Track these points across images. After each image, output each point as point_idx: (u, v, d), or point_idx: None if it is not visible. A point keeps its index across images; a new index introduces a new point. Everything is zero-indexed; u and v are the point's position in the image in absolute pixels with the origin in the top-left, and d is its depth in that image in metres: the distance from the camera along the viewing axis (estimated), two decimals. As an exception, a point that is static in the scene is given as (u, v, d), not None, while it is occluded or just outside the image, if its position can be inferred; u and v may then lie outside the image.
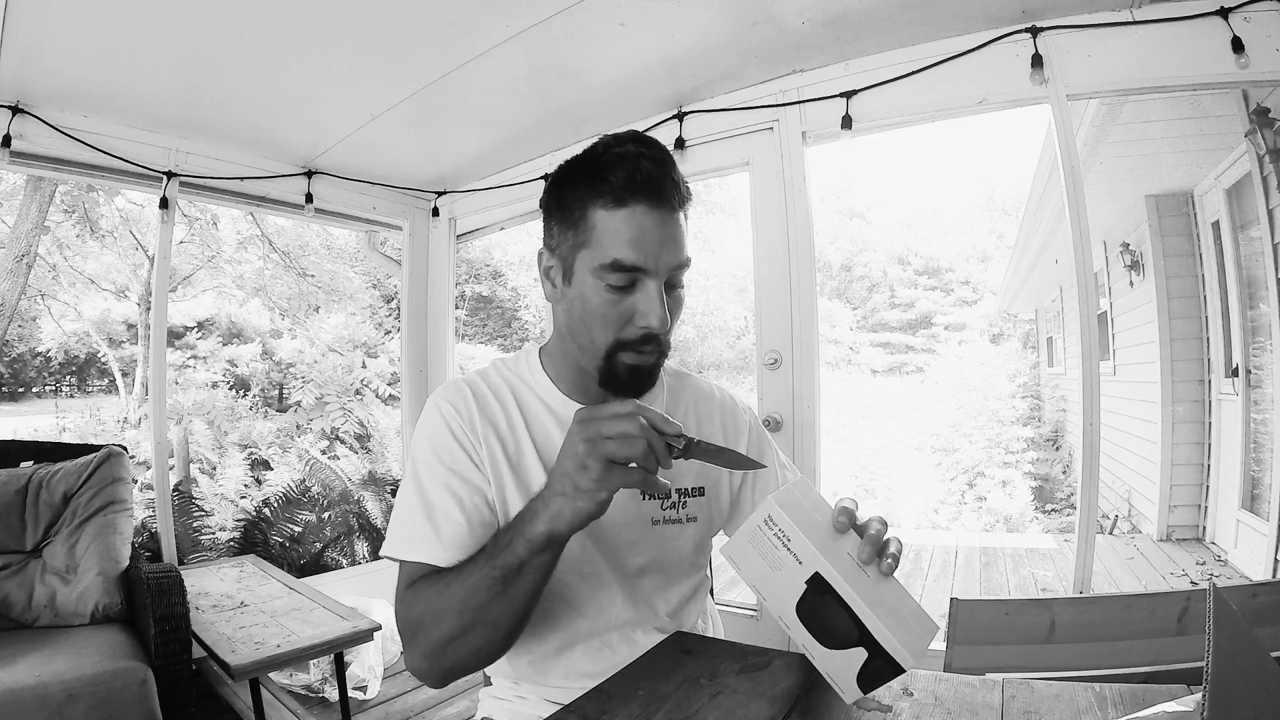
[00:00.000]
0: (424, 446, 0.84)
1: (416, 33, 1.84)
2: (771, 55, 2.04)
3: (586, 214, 0.79)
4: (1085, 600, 1.26)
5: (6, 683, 1.47)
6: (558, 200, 0.83)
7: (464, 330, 12.15)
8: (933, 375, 13.28)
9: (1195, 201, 4.24)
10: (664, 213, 0.78)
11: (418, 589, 0.76)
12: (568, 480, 0.66)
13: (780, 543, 0.64)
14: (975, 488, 8.62)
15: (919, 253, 19.74)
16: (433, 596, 0.74)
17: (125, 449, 2.21)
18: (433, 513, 0.80)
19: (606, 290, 0.78)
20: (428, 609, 0.74)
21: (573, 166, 0.82)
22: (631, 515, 0.89)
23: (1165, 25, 1.69)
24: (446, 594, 0.73)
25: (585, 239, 0.79)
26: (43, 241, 7.32)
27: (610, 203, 0.77)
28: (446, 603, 0.72)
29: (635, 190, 0.77)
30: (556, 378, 0.90)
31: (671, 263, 0.79)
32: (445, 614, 0.72)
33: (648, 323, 0.78)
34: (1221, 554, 3.89)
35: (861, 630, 0.61)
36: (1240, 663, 0.44)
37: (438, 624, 0.73)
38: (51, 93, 2.08)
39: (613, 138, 0.81)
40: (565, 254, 0.82)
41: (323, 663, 2.32)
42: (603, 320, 0.79)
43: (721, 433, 0.98)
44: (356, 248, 8.83)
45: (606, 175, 0.77)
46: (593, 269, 0.78)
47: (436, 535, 0.79)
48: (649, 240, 0.77)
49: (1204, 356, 4.26)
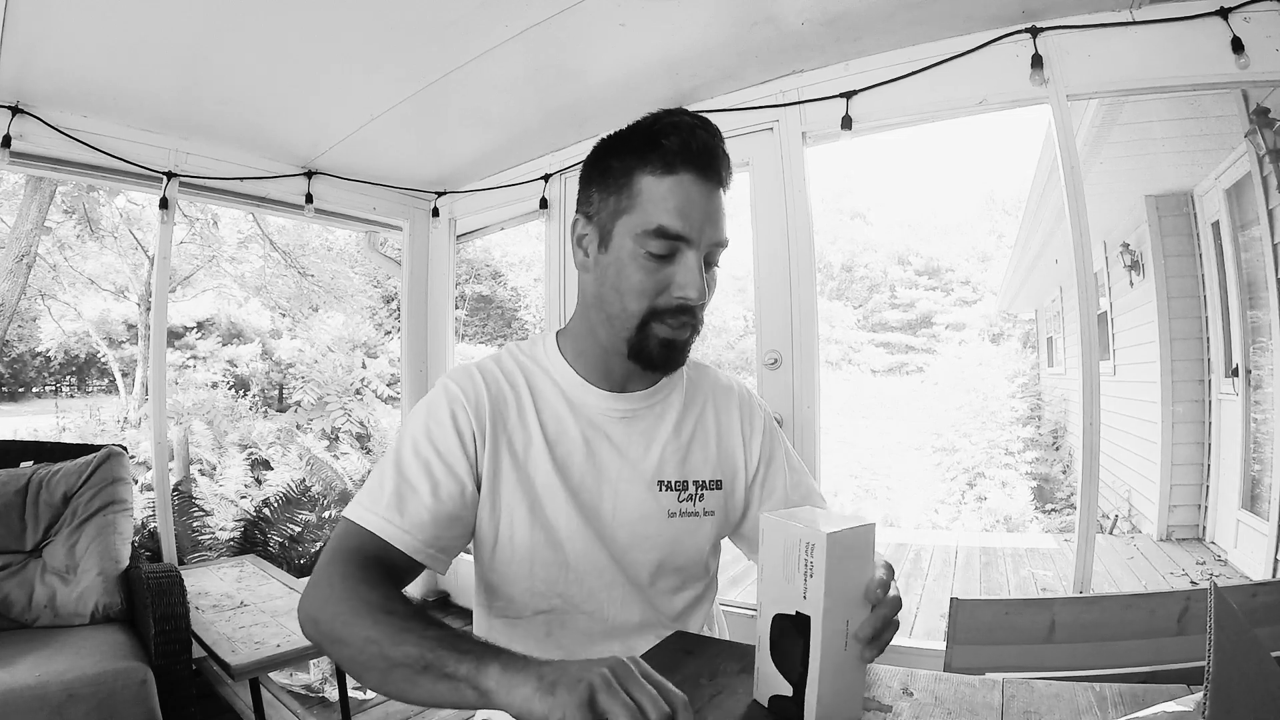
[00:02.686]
0: (420, 422, 0.82)
1: (416, 33, 1.84)
2: (771, 55, 2.04)
3: (632, 180, 0.78)
4: (1085, 600, 1.25)
5: (6, 683, 1.46)
6: (601, 168, 0.82)
7: (464, 330, 12.16)
8: (933, 375, 13.28)
9: (1195, 201, 4.23)
10: (711, 185, 0.78)
11: (360, 576, 0.69)
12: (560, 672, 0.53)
13: (803, 568, 0.61)
14: (975, 488, 8.61)
15: (919, 253, 19.76)
16: (363, 602, 0.66)
17: (125, 449, 2.21)
18: (402, 486, 0.77)
19: (646, 257, 0.77)
20: (347, 605, 0.66)
21: (619, 136, 0.82)
22: (649, 508, 0.87)
23: (1165, 25, 1.69)
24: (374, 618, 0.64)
25: (629, 205, 0.78)
26: (43, 241, 7.33)
27: (659, 169, 0.76)
28: (367, 624, 0.64)
29: (687, 159, 0.76)
30: (575, 359, 0.88)
31: (713, 238, 0.78)
32: (355, 629, 0.64)
33: (685, 293, 0.77)
34: (1221, 554, 3.89)
35: (801, 682, 0.62)
36: (1241, 662, 0.44)
37: (343, 625, 0.65)
38: (51, 93, 2.08)
39: (664, 110, 0.80)
40: (604, 220, 0.80)
41: (323, 663, 2.32)
42: (639, 287, 0.78)
43: (739, 427, 0.96)
44: (356, 247, 8.83)
45: (660, 140, 0.76)
46: (634, 235, 0.77)
47: (400, 511, 0.75)
48: (694, 211, 0.76)
49: (1204, 356, 4.26)
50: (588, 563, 0.84)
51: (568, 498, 0.83)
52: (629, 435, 0.88)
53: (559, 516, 0.83)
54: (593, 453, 0.86)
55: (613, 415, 0.88)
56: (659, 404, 0.91)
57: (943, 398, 11.08)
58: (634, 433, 0.88)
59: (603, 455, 0.86)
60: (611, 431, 0.88)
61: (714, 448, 0.94)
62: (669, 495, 0.88)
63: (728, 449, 0.95)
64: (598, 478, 0.86)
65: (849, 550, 0.61)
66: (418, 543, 0.75)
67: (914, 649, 2.16)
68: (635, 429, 0.89)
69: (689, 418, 0.93)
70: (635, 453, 0.88)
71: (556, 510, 0.83)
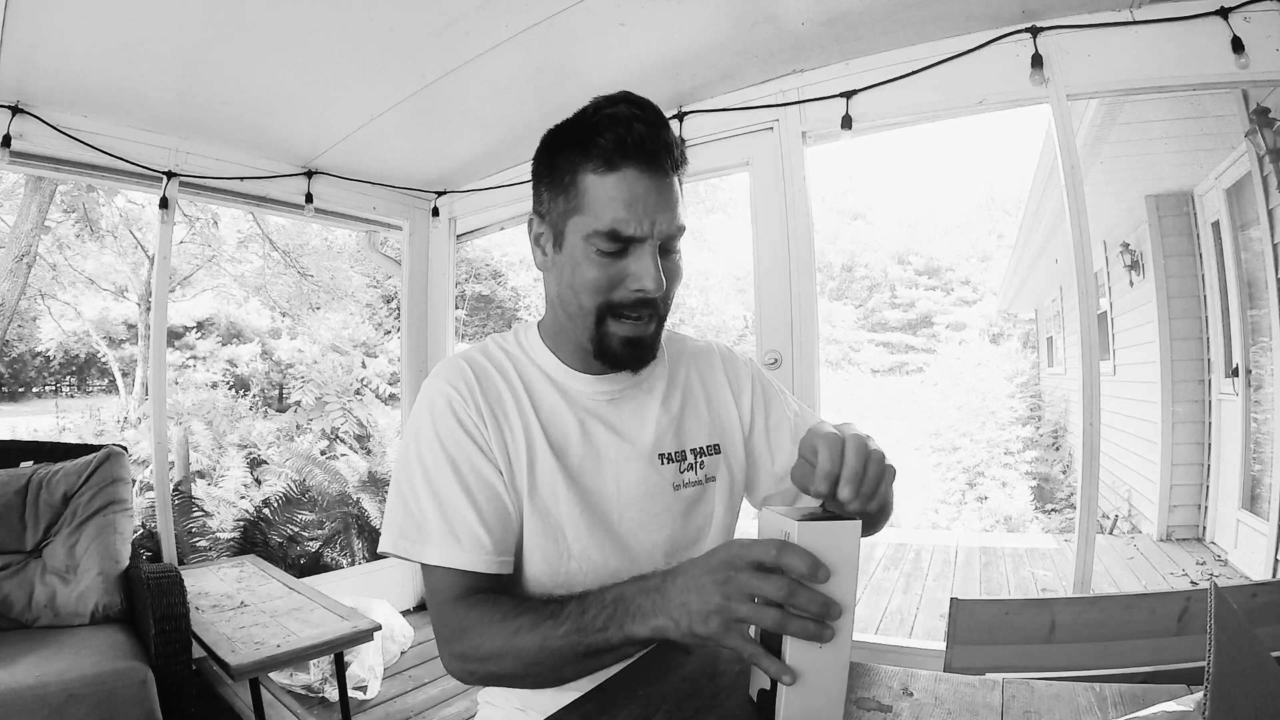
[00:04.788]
0: (428, 433, 0.80)
1: (416, 33, 1.84)
2: (771, 55, 2.04)
3: (577, 179, 0.76)
4: (1085, 600, 1.25)
5: (6, 683, 1.46)
6: (547, 165, 0.80)
7: (464, 330, 12.16)
8: (933, 375, 13.26)
9: (1195, 201, 4.23)
10: (657, 177, 0.75)
11: (475, 614, 0.74)
12: (685, 614, 0.61)
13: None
14: (975, 488, 8.61)
15: (919, 252, 19.76)
16: (498, 634, 0.71)
17: (125, 449, 2.21)
18: (446, 509, 0.77)
19: (598, 255, 0.76)
20: (491, 645, 0.72)
21: (562, 129, 0.79)
22: (653, 483, 0.86)
23: (1165, 25, 1.69)
24: (516, 639, 0.70)
25: (576, 205, 0.76)
26: (43, 241, 7.33)
27: (601, 167, 0.74)
28: (515, 647, 0.70)
29: (626, 153, 0.73)
30: (556, 349, 0.88)
31: (665, 229, 0.76)
32: (509, 656, 0.70)
33: (641, 285, 0.75)
34: (1221, 554, 3.89)
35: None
36: (1241, 662, 0.44)
37: (500, 662, 0.71)
38: (51, 93, 2.08)
39: (604, 98, 0.77)
40: (555, 220, 0.79)
41: (323, 663, 2.32)
42: (593, 284, 0.77)
43: (729, 386, 0.96)
44: (356, 247, 8.83)
45: (596, 138, 0.74)
46: (584, 235, 0.76)
47: (455, 537, 0.76)
48: (641, 206, 0.74)
49: (1204, 356, 4.26)
50: (593, 552, 0.83)
51: (568, 484, 0.82)
52: (621, 415, 0.88)
53: (559, 504, 0.82)
54: (589, 436, 0.85)
55: (601, 398, 0.87)
56: (644, 380, 0.91)
57: (943, 397, 11.07)
58: (625, 412, 0.88)
59: (599, 438, 0.86)
60: (604, 413, 0.87)
61: (705, 413, 0.93)
62: (670, 467, 0.87)
63: (719, 411, 0.95)
64: (597, 461, 0.85)
65: (828, 543, 0.58)
66: (484, 559, 0.77)
67: (914, 649, 2.16)
68: (626, 408, 0.88)
69: (675, 389, 0.92)
70: (630, 431, 0.87)
71: (556, 498, 0.82)
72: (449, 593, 0.77)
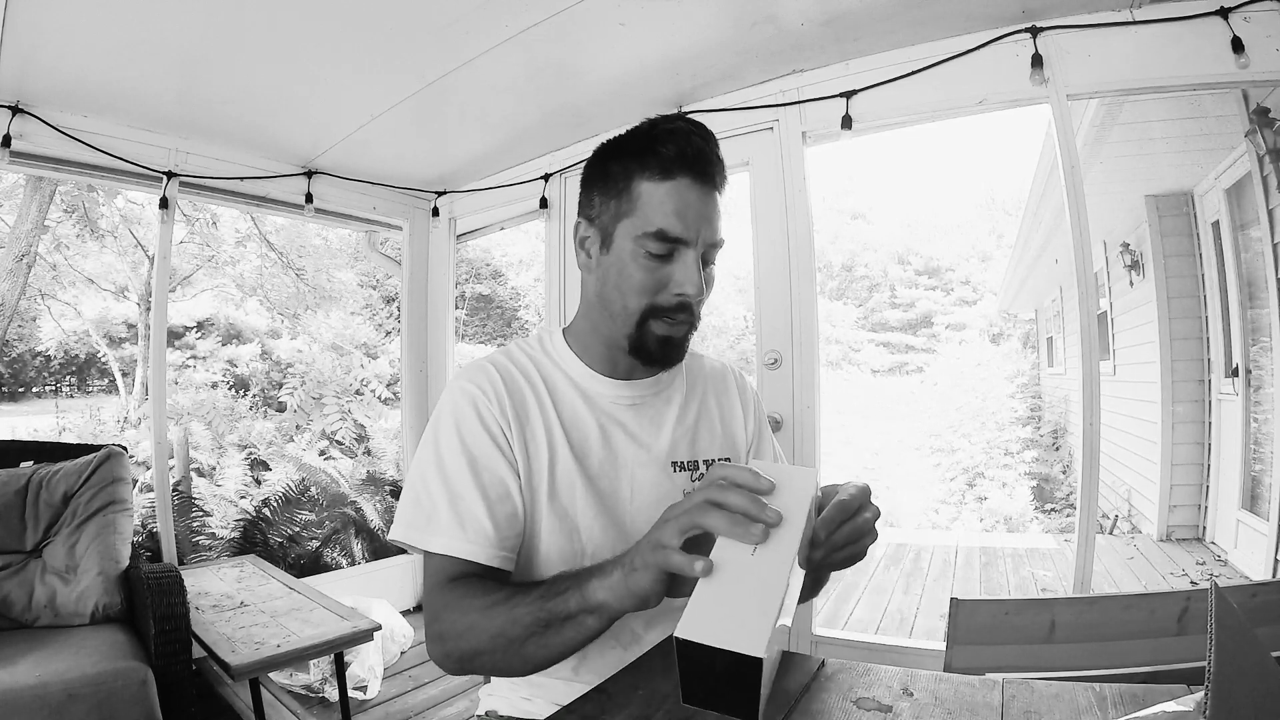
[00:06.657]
0: (449, 429, 0.82)
1: (416, 33, 1.84)
2: (771, 55, 2.04)
3: (632, 185, 0.82)
4: (1085, 600, 1.25)
5: (6, 683, 1.47)
6: (601, 172, 0.86)
7: (464, 330, 12.16)
8: (933, 375, 13.28)
9: (1195, 201, 4.23)
10: (706, 189, 0.82)
11: (459, 593, 0.76)
12: (635, 553, 0.64)
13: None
14: (975, 488, 8.61)
15: (919, 252, 19.76)
16: (472, 609, 0.73)
17: (125, 449, 2.21)
18: (457, 502, 0.79)
19: (645, 257, 0.81)
20: (465, 620, 0.74)
21: (619, 141, 0.86)
22: (665, 490, 0.89)
23: (1165, 25, 1.69)
24: (488, 614, 0.72)
25: (629, 209, 0.82)
26: (43, 241, 7.33)
27: (657, 174, 0.80)
28: (485, 622, 0.72)
29: (683, 164, 0.80)
30: (582, 353, 0.91)
31: (710, 238, 0.82)
32: (480, 631, 0.72)
33: (684, 290, 0.81)
34: (1221, 554, 3.89)
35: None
36: (1242, 662, 0.44)
37: (470, 637, 0.73)
38: (51, 93, 2.08)
39: (661, 117, 0.84)
40: (606, 223, 0.84)
41: (323, 663, 2.32)
42: (639, 286, 0.82)
43: (738, 407, 1.01)
44: (356, 247, 8.83)
45: (656, 148, 0.80)
46: (634, 237, 0.81)
47: (461, 528, 0.78)
48: (691, 213, 0.80)
49: (1204, 356, 4.26)
50: (605, 553, 0.83)
51: (586, 486, 0.85)
52: (640, 421, 0.92)
53: (575, 504, 0.85)
54: (609, 440, 0.89)
55: (622, 403, 0.91)
56: (664, 390, 0.95)
57: (943, 397, 11.09)
58: (644, 419, 0.92)
59: (618, 442, 0.89)
60: (624, 419, 0.91)
61: (719, 428, 0.98)
62: (682, 476, 0.91)
63: (730, 429, 1.00)
64: (615, 464, 0.88)
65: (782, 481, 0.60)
66: (487, 551, 0.78)
67: (914, 649, 2.16)
68: (645, 415, 0.92)
69: (692, 403, 0.97)
70: (647, 437, 0.91)
71: (574, 499, 0.85)
72: (440, 576, 0.79)
